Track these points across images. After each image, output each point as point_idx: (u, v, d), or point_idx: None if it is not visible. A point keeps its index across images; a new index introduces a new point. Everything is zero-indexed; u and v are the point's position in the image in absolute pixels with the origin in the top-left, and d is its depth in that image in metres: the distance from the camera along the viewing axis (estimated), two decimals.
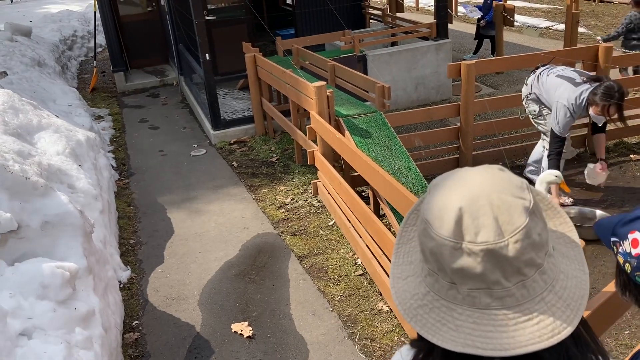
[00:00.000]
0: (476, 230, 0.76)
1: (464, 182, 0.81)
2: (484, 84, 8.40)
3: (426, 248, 0.81)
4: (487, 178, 0.80)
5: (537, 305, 0.77)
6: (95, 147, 5.14)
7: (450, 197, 0.79)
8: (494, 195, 0.77)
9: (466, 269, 0.76)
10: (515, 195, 0.78)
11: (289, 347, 3.38)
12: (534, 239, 0.76)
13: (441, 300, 0.81)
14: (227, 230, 4.82)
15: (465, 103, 5.21)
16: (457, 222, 0.77)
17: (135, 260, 4.46)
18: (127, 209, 5.37)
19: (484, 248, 0.75)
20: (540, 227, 0.78)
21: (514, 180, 0.81)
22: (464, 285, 0.78)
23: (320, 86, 4.63)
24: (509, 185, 0.79)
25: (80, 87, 10.09)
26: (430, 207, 0.81)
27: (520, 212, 0.76)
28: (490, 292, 0.77)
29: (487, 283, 0.77)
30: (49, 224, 3.03)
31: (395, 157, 4.65)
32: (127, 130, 7.76)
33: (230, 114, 7.45)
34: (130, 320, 3.72)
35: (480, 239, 0.75)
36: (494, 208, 0.76)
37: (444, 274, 0.80)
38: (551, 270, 0.79)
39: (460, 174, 0.83)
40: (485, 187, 0.79)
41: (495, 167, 0.84)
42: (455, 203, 0.78)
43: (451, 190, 0.80)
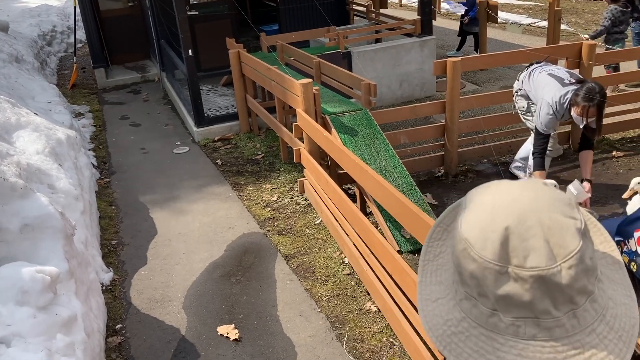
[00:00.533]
0: (525, 253, 0.68)
1: (509, 197, 0.73)
2: (467, 81, 8.41)
3: (465, 270, 0.73)
4: (534, 194, 0.73)
5: (588, 337, 0.70)
6: (76, 146, 5.02)
7: (495, 215, 0.71)
8: (544, 214, 0.70)
9: (513, 296, 0.69)
10: (567, 214, 0.71)
11: (277, 349, 3.33)
12: (587, 263, 0.69)
13: (480, 328, 0.73)
14: (212, 230, 4.74)
15: (450, 100, 5.19)
16: (504, 243, 0.69)
17: (118, 262, 4.36)
18: (109, 208, 5.26)
19: (535, 274, 0.68)
20: (591, 250, 0.72)
21: (562, 197, 0.73)
22: (508, 314, 0.71)
23: (307, 83, 4.57)
24: (558, 203, 0.72)
25: (60, 83, 9.90)
26: (471, 225, 0.73)
27: (573, 234, 0.69)
28: (538, 321, 0.70)
29: (534, 312, 0.69)
30: (28, 227, 2.94)
31: (381, 155, 4.61)
32: (108, 127, 7.63)
33: (213, 110, 7.36)
34: (113, 323, 3.63)
35: (530, 263, 0.68)
36: (544, 229, 0.69)
37: (486, 299, 0.72)
38: (601, 298, 0.72)
39: (502, 189, 0.75)
40: (534, 204, 0.71)
41: (538, 182, 0.77)
42: (501, 222, 0.70)
43: (494, 207, 0.73)
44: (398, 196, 2.97)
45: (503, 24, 12.08)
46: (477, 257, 0.71)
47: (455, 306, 0.77)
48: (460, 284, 0.76)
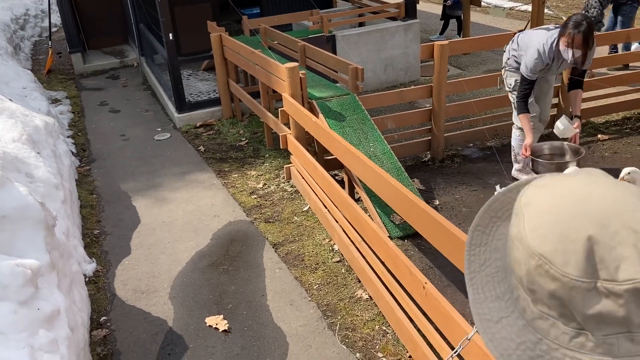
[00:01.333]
0: (615, 264, 0.59)
1: (577, 199, 0.63)
2: (451, 65, 8.35)
3: (542, 289, 0.64)
4: (606, 191, 0.63)
5: None
6: (54, 133, 4.86)
7: (569, 223, 0.62)
8: (626, 215, 0.61)
9: (605, 314, 0.60)
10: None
11: (267, 340, 3.26)
12: None
13: (562, 349, 0.65)
14: (196, 219, 4.63)
15: (437, 84, 5.12)
16: (589, 256, 0.60)
17: (101, 252, 4.24)
18: (90, 197, 5.12)
19: (630, 287, 0.59)
20: None
21: (633, 189, 0.63)
22: (599, 332, 0.62)
23: (293, 67, 4.46)
24: (634, 198, 0.62)
25: (35, 69, 9.61)
26: (543, 237, 0.63)
27: None
28: (632, 336, 0.61)
29: (629, 327, 0.61)
30: (6, 218, 2.81)
31: (369, 140, 4.54)
32: (87, 114, 7.42)
33: (195, 96, 7.20)
34: (97, 316, 3.52)
35: (623, 276, 0.59)
36: (632, 233, 0.60)
37: (569, 319, 0.63)
38: None
39: (562, 188, 0.65)
40: (611, 204, 0.62)
41: (598, 172, 0.66)
42: (581, 231, 0.61)
43: (564, 213, 0.63)
44: (392, 182, 2.90)
45: (486, 8, 12.04)
46: (559, 276, 0.62)
47: (526, 327, 0.68)
48: (532, 302, 0.66)
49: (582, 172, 0.68)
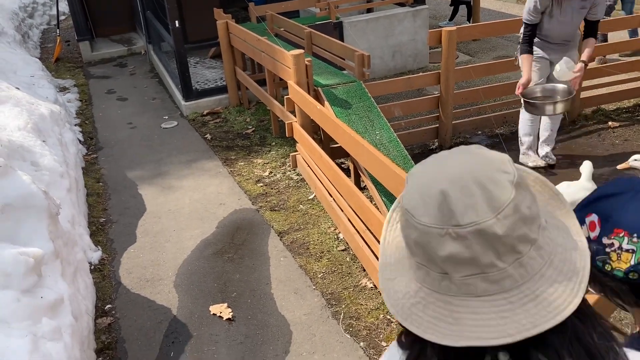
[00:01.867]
0: (462, 212, 0.70)
1: (443, 165, 0.76)
2: (460, 51, 8.25)
3: (410, 240, 0.75)
4: (467, 157, 0.76)
5: (537, 284, 0.72)
6: (60, 121, 4.86)
7: (431, 182, 0.74)
8: (476, 173, 0.72)
9: (455, 255, 0.71)
10: (497, 168, 0.73)
11: (271, 328, 3.25)
12: (524, 212, 0.71)
13: (435, 294, 0.75)
14: (202, 207, 4.63)
15: (445, 71, 5.06)
16: (441, 206, 0.71)
17: (106, 240, 4.25)
18: (96, 185, 5.12)
19: (472, 229, 0.69)
20: (529, 199, 0.73)
21: (494, 155, 0.76)
22: (457, 274, 0.72)
23: (299, 54, 4.42)
24: (488, 161, 0.74)
25: (44, 57, 9.62)
26: (411, 196, 0.75)
27: (505, 186, 0.71)
28: (486, 276, 0.71)
29: (481, 267, 0.71)
30: (10, 207, 2.81)
31: (376, 128, 4.50)
32: (94, 102, 7.43)
33: (202, 83, 7.17)
34: (102, 304, 3.53)
35: (467, 220, 0.70)
36: (479, 186, 0.71)
37: (434, 264, 0.74)
38: (547, 245, 0.74)
39: (438, 158, 0.78)
40: (465, 165, 0.74)
41: (473, 147, 0.79)
42: (435, 187, 0.72)
43: (431, 175, 0.75)
44: (396, 171, 2.86)
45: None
46: (417, 225, 0.73)
47: (411, 279, 0.79)
48: (411, 255, 0.77)
49: (461, 147, 0.79)
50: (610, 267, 1.06)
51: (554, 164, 4.83)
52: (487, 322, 0.71)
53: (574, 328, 0.74)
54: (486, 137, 5.53)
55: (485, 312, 0.72)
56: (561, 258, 0.75)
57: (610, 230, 1.05)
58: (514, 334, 0.70)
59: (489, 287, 0.71)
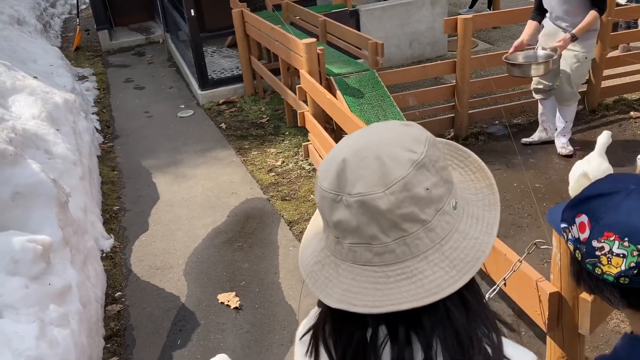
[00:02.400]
0: (354, 182, 0.72)
1: (362, 135, 0.77)
2: (480, 40, 8.12)
3: (316, 201, 0.78)
4: (382, 131, 0.77)
5: (418, 264, 0.73)
6: (75, 110, 4.91)
7: (339, 150, 0.76)
8: (381, 147, 0.73)
9: (343, 222, 0.73)
10: (405, 147, 0.73)
11: (278, 318, 3.26)
12: (417, 192, 0.71)
13: (331, 257, 0.78)
14: (214, 196, 4.65)
15: (461, 60, 4.98)
16: (339, 173, 0.73)
17: (119, 228, 4.30)
18: (111, 173, 5.18)
19: (358, 199, 0.71)
20: (432, 182, 0.73)
21: (412, 133, 0.76)
22: (346, 240, 0.75)
23: (310, 43, 4.39)
24: (402, 139, 0.75)
25: (64, 46, 9.74)
26: (324, 160, 0.79)
27: (403, 164, 0.72)
28: (370, 247, 0.73)
29: (364, 238, 0.73)
30: (19, 195, 2.85)
31: (388, 117, 4.45)
32: (112, 90, 7.50)
33: (218, 72, 7.19)
34: (113, 291, 3.58)
35: (356, 190, 0.72)
36: (376, 160, 0.72)
37: (329, 228, 0.77)
38: (442, 229, 0.74)
39: (366, 129, 0.79)
40: (375, 139, 0.75)
41: (398, 122, 0.80)
42: (341, 155, 0.74)
43: (345, 143, 0.77)
44: None
45: None
46: (319, 188, 0.76)
47: (321, 239, 0.82)
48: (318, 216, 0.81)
49: (392, 122, 0.80)
50: (601, 271, 1.02)
51: (571, 154, 4.75)
52: (361, 291, 0.73)
53: (448, 313, 0.74)
54: (503, 127, 5.45)
55: (362, 281, 0.74)
56: (454, 245, 0.75)
57: (600, 233, 1.01)
58: (380, 306, 0.72)
59: (372, 258, 0.73)
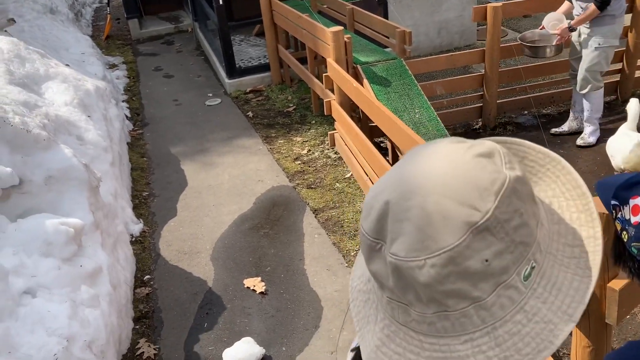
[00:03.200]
0: (394, 236, 0.58)
1: (411, 167, 0.61)
2: (510, 29, 8.00)
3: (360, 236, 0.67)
4: (443, 168, 0.59)
5: (460, 345, 0.59)
6: (106, 97, 5.00)
7: (385, 185, 0.62)
8: (432, 197, 0.57)
9: (379, 275, 0.62)
10: (465, 201, 0.56)
11: (302, 303, 3.30)
12: (469, 266, 0.55)
13: (373, 295, 0.68)
14: (241, 183, 4.70)
15: (490, 48, 4.92)
16: (380, 218, 0.60)
17: (148, 213, 4.38)
18: (141, 160, 5.27)
19: (392, 261, 0.58)
20: (495, 250, 0.56)
21: (483, 178, 0.57)
22: (384, 292, 0.63)
23: (338, 31, 4.38)
24: (465, 185, 0.57)
25: (95, 34, 9.89)
26: (372, 189, 0.64)
27: (455, 228, 0.55)
28: (408, 310, 0.61)
29: (400, 299, 0.61)
30: (52, 179, 2.93)
31: (415, 106, 4.43)
32: (142, 79, 7.60)
33: (245, 61, 7.22)
34: (141, 274, 3.66)
35: (393, 249, 0.58)
36: (422, 214, 0.57)
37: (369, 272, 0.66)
38: (500, 307, 0.58)
39: (420, 154, 0.62)
40: (427, 181, 0.58)
41: (475, 149, 0.60)
42: (386, 195, 0.60)
43: (393, 175, 0.62)
44: None
45: None
46: (360, 225, 0.64)
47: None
48: None
49: (447, 141, 0.63)
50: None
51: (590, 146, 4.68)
52: (393, 355, 0.64)
53: None
54: (532, 117, 5.37)
55: (396, 342, 0.64)
56: (511, 330, 0.58)
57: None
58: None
59: (410, 322, 0.62)
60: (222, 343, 3.05)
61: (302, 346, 3.00)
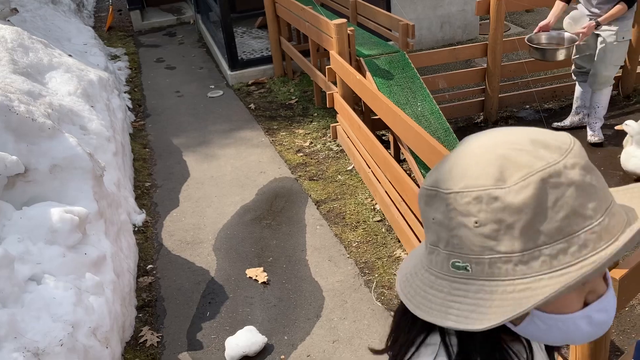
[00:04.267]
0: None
1: (500, 136, 0.73)
2: (512, 23, 8.00)
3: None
4: (499, 137, 0.72)
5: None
6: (108, 88, 5.01)
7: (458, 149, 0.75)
8: (499, 147, 0.70)
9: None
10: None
11: (304, 293, 3.32)
12: None
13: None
14: (243, 175, 4.72)
15: (493, 43, 4.93)
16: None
17: (151, 204, 4.40)
18: (143, 151, 5.29)
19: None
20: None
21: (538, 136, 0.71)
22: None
23: (341, 24, 4.39)
24: (525, 140, 0.70)
25: (97, 25, 9.88)
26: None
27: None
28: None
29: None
30: (57, 167, 2.95)
31: (417, 99, 4.45)
32: (144, 70, 7.60)
33: (248, 53, 7.23)
34: (144, 264, 3.68)
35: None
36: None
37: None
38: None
39: (488, 134, 0.74)
40: (492, 142, 0.72)
41: (515, 132, 0.73)
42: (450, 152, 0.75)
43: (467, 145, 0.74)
44: (433, 143, 2.84)
45: None
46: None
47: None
48: None
49: (506, 129, 0.75)
50: None
51: (601, 142, 4.67)
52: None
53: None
54: (534, 111, 5.39)
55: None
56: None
57: None
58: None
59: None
60: (225, 332, 3.08)
61: (303, 335, 3.02)
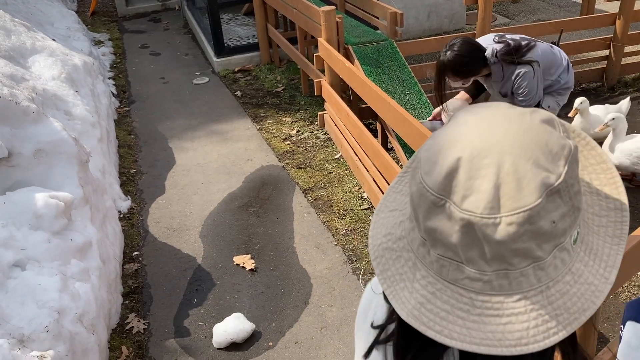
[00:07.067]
0: (466, 192, 0.59)
1: (484, 125, 0.62)
2: (499, 14, 8.02)
3: (410, 191, 0.66)
4: (515, 129, 0.60)
5: (514, 303, 0.60)
6: (93, 73, 4.93)
7: (455, 140, 0.61)
8: (509, 157, 0.58)
9: (439, 232, 0.61)
10: (540, 164, 0.58)
11: (292, 280, 3.32)
12: (541, 226, 0.57)
13: (410, 253, 0.67)
14: (230, 162, 4.69)
15: (480, 33, 4.93)
16: (449, 175, 0.60)
17: (136, 190, 4.36)
18: (128, 137, 5.22)
19: (466, 218, 0.58)
20: (561, 213, 0.59)
21: (553, 142, 0.59)
22: (435, 249, 0.63)
23: (329, 11, 4.36)
24: (539, 149, 0.58)
25: (80, 10, 9.70)
26: (430, 145, 0.64)
27: (534, 188, 0.57)
28: (463, 268, 0.61)
29: (459, 257, 0.61)
30: (42, 152, 2.90)
31: (406, 88, 4.44)
32: (128, 56, 7.50)
33: (234, 40, 7.16)
34: (130, 250, 3.65)
35: (466, 205, 0.58)
36: (500, 172, 0.58)
37: (418, 226, 0.64)
38: (555, 268, 0.60)
39: (486, 113, 0.63)
40: (503, 140, 0.59)
41: (537, 115, 0.62)
42: (457, 151, 0.60)
43: (460, 133, 0.62)
44: (422, 131, 2.84)
45: None
46: (419, 181, 0.63)
47: (401, 223, 0.70)
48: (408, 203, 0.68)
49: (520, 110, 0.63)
50: None
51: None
52: (439, 312, 0.63)
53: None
54: None
55: (443, 300, 0.63)
56: (562, 289, 0.60)
57: None
58: (456, 338, 0.61)
59: (462, 279, 0.61)
60: (212, 318, 3.06)
61: (291, 322, 3.02)
